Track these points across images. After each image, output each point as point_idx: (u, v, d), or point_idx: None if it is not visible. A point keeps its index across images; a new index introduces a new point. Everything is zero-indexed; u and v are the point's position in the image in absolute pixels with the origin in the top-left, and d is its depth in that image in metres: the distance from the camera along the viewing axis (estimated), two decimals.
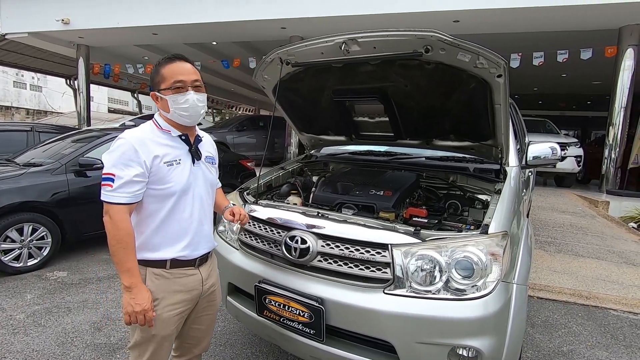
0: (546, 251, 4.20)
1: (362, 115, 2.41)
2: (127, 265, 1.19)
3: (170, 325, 1.30)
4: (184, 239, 1.31)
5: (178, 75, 1.26)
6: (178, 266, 1.31)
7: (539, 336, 2.56)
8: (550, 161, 2.48)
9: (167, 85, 1.26)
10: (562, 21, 6.67)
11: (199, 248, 1.35)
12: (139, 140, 1.22)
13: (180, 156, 1.30)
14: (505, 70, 1.61)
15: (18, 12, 8.55)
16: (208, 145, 1.47)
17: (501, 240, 1.44)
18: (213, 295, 1.47)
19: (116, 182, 1.17)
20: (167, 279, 1.29)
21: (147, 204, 1.25)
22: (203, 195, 1.37)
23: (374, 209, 1.83)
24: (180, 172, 1.28)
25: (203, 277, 1.38)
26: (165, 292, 1.28)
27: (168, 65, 1.27)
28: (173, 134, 1.31)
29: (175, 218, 1.28)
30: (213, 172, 1.46)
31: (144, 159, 1.20)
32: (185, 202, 1.30)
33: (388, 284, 1.44)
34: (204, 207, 1.38)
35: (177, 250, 1.29)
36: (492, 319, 1.36)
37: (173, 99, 1.26)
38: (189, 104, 1.27)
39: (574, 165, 8.02)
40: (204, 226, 1.38)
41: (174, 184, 1.26)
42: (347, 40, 1.73)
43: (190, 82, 1.28)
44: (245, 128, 10.19)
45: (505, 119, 1.85)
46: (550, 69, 10.14)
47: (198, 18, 7.48)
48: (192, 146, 1.34)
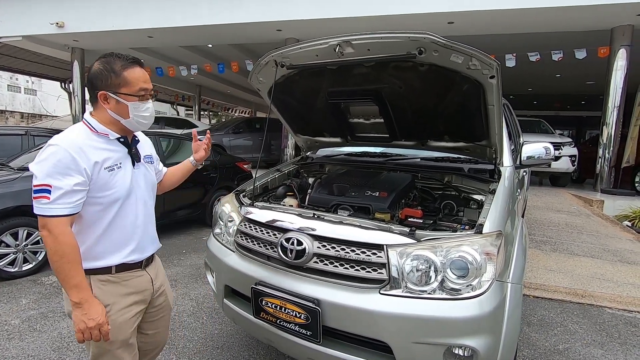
0: (542, 250, 4.23)
1: (357, 116, 2.42)
2: (74, 281, 1.12)
3: (127, 329, 1.26)
4: (130, 244, 1.27)
5: (142, 83, 1.22)
6: (125, 270, 1.27)
7: (535, 335, 2.58)
8: (544, 161, 2.50)
9: (132, 91, 1.20)
10: (556, 22, 6.74)
11: (145, 251, 1.34)
12: (75, 146, 1.12)
13: (120, 160, 1.24)
14: (498, 71, 1.63)
15: (12, 16, 8.50)
16: (145, 144, 1.44)
17: (495, 240, 1.45)
18: (164, 295, 1.46)
19: (54, 193, 1.08)
20: (115, 283, 1.25)
21: (87, 213, 1.18)
22: (146, 198, 1.34)
23: (369, 210, 1.84)
24: (123, 177, 1.23)
25: (152, 277, 1.37)
26: (115, 296, 1.24)
27: (132, 70, 1.21)
28: (111, 137, 1.23)
29: (120, 224, 1.24)
30: (152, 172, 1.42)
31: (84, 167, 1.12)
32: (129, 206, 1.26)
33: (384, 285, 1.45)
34: (148, 209, 1.35)
35: (123, 256, 1.26)
36: (487, 318, 1.37)
37: (135, 106, 1.22)
38: (149, 113, 1.26)
39: (568, 164, 8.08)
40: (149, 228, 1.36)
41: (117, 189, 1.21)
42: (341, 42, 1.74)
43: (150, 90, 1.27)
44: (241, 130, 10.19)
45: (498, 120, 1.87)
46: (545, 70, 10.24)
47: (192, 21, 7.48)
48: (132, 148, 1.29)
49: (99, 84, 1.19)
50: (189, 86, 16.85)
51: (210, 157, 5.32)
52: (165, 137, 5.03)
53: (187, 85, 16.64)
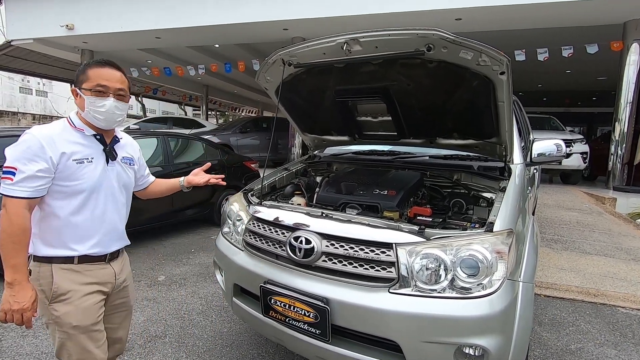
0: (553, 249, 4.17)
1: (364, 115, 2.41)
2: (13, 261, 1.16)
3: (92, 314, 1.30)
4: (94, 236, 1.31)
5: (102, 80, 1.28)
6: (87, 261, 1.31)
7: (547, 334, 2.54)
8: (555, 158, 2.46)
9: (89, 86, 1.27)
10: (566, 17, 6.62)
11: (109, 246, 1.37)
12: (47, 136, 1.21)
13: (92, 155, 1.31)
14: (508, 67, 1.60)
15: (23, 19, 8.64)
16: (129, 147, 1.50)
17: (506, 238, 1.43)
18: (125, 292, 1.48)
19: (17, 175, 1.16)
20: (77, 272, 1.29)
21: (52, 200, 1.25)
22: (116, 194, 1.38)
23: (378, 209, 1.83)
24: (92, 171, 1.29)
25: (116, 271, 1.40)
26: (77, 284, 1.28)
27: (96, 68, 1.29)
28: (87, 132, 1.32)
29: (85, 215, 1.29)
30: (130, 174, 1.47)
31: (50, 155, 1.19)
32: (96, 200, 1.31)
33: (393, 283, 1.44)
34: (117, 205, 1.39)
35: (86, 248, 1.30)
36: (498, 317, 1.35)
37: (91, 100, 1.27)
38: (105, 109, 1.29)
39: (580, 162, 7.95)
40: (116, 224, 1.39)
41: (83, 181, 1.27)
42: (349, 40, 1.73)
43: (114, 89, 1.30)
44: (248, 130, 10.23)
45: (509, 116, 1.84)
46: (555, 66, 10.08)
47: (199, 21, 7.52)
48: (107, 146, 1.36)
49: (74, 81, 1.32)
50: (196, 86, 16.96)
51: (218, 156, 5.36)
52: (173, 137, 5.07)
53: (194, 85, 16.75)
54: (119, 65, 1.35)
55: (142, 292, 3.08)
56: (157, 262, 3.79)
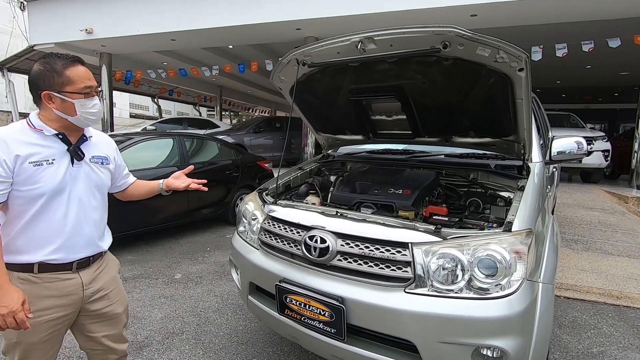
0: (573, 249, 4.06)
1: (379, 113, 2.39)
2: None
3: (38, 332, 1.23)
4: (54, 241, 1.24)
5: (87, 81, 1.24)
6: (48, 270, 1.24)
7: (567, 337, 2.48)
8: (576, 156, 2.40)
9: (76, 89, 1.22)
10: (587, 10, 6.41)
11: (75, 252, 1.28)
12: (0, 139, 1.16)
13: (53, 156, 1.23)
14: (527, 63, 1.57)
15: (45, 24, 8.92)
16: (102, 145, 1.42)
17: (525, 238, 1.41)
18: (106, 300, 1.39)
19: None
20: (35, 284, 1.22)
21: (13, 205, 1.20)
22: (83, 197, 1.30)
23: (393, 208, 1.82)
24: (53, 173, 1.22)
25: (84, 281, 1.31)
26: (31, 297, 1.20)
27: (74, 68, 1.23)
28: (46, 132, 1.24)
29: (45, 219, 1.22)
30: (102, 173, 1.38)
31: (3, 159, 1.14)
32: (58, 203, 1.24)
33: (409, 283, 1.43)
34: (85, 209, 1.30)
35: (45, 254, 1.23)
36: (517, 319, 1.33)
37: (82, 103, 1.23)
38: (97, 109, 1.27)
39: (601, 160, 7.72)
40: (84, 229, 1.30)
41: (42, 184, 1.20)
42: (364, 39, 1.73)
43: (94, 88, 1.28)
44: (262, 130, 10.31)
45: (527, 114, 1.80)
46: (574, 61, 9.78)
47: (214, 22, 7.60)
48: (72, 146, 1.28)
49: (41, 84, 1.21)
50: (210, 87, 17.17)
51: (232, 156, 5.42)
52: (189, 137, 5.15)
53: (209, 86, 16.96)
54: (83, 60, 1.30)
55: (159, 290, 3.14)
56: (174, 261, 3.86)
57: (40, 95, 1.22)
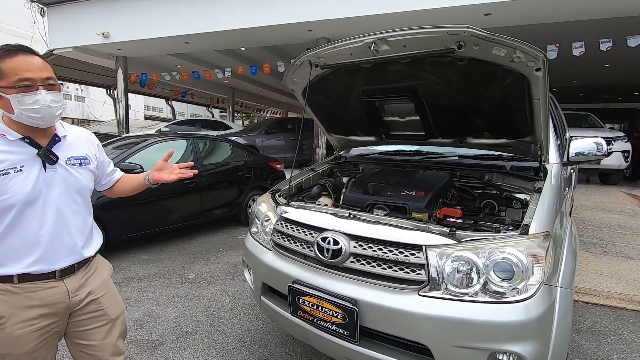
0: (591, 253, 3.95)
1: (392, 114, 2.38)
2: None
3: (26, 343, 1.14)
4: (32, 253, 1.14)
5: (24, 72, 1.07)
6: (30, 280, 1.15)
7: (586, 343, 2.42)
8: (595, 157, 2.33)
9: (9, 83, 1.06)
10: (605, 7, 6.25)
11: (57, 261, 1.18)
12: None
13: (21, 162, 1.11)
14: (545, 63, 1.54)
15: (63, 29, 9.17)
16: (78, 143, 1.28)
17: (543, 242, 1.38)
18: (97, 305, 1.29)
19: None
20: (16, 294, 1.14)
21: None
22: (61, 204, 1.18)
23: (406, 210, 1.80)
24: (22, 181, 1.10)
25: (69, 289, 1.21)
26: (14, 308, 1.13)
27: (10, 59, 1.07)
28: (10, 137, 1.11)
29: (18, 232, 1.12)
30: (82, 175, 1.25)
31: None
32: (32, 213, 1.13)
33: (423, 286, 1.42)
34: (63, 216, 1.19)
35: (23, 266, 1.13)
36: (534, 324, 1.30)
37: (18, 99, 1.07)
38: (39, 105, 1.09)
39: (621, 161, 7.50)
40: (63, 237, 1.20)
41: (11, 195, 1.08)
42: (377, 40, 1.72)
43: (41, 79, 1.10)
44: (273, 131, 10.36)
45: (544, 114, 1.77)
46: (592, 59, 9.55)
47: (226, 25, 7.69)
48: (42, 149, 1.15)
49: None
50: (223, 89, 17.36)
51: (245, 157, 5.46)
52: (202, 138, 5.22)
53: (221, 88, 17.15)
54: (34, 50, 1.14)
55: (173, 289, 3.18)
56: (188, 261, 3.91)
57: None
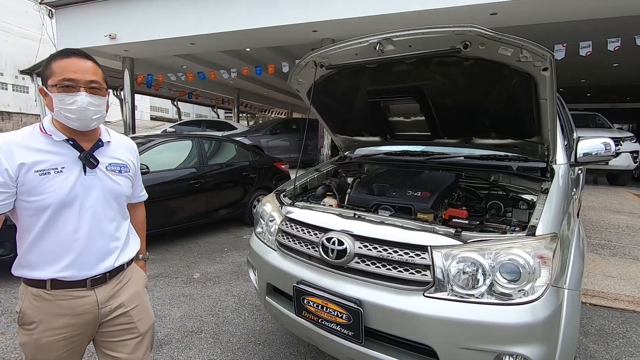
0: (599, 255, 3.91)
1: (397, 115, 2.37)
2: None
3: (52, 351, 1.14)
4: (64, 258, 1.13)
5: (69, 73, 1.09)
6: (61, 287, 1.14)
7: (593, 346, 2.39)
8: (603, 158, 2.31)
9: (55, 81, 1.09)
10: (613, 6, 6.18)
11: (88, 268, 1.17)
12: (5, 145, 1.06)
13: (63, 163, 1.12)
14: (552, 62, 1.52)
15: (71, 31, 9.27)
16: (120, 150, 1.28)
17: (550, 243, 1.36)
18: (127, 318, 1.26)
19: None
20: (48, 301, 1.14)
21: (21, 217, 1.11)
22: (97, 209, 1.18)
23: (411, 210, 1.79)
24: (61, 182, 1.10)
25: (99, 299, 1.19)
26: (45, 314, 1.13)
27: (61, 60, 1.10)
28: (56, 137, 1.13)
29: (53, 234, 1.12)
30: (120, 182, 1.25)
31: (5, 167, 1.04)
32: (67, 216, 1.12)
33: (428, 287, 1.41)
34: (99, 221, 1.18)
35: (55, 271, 1.13)
36: (541, 326, 1.29)
37: (59, 98, 1.09)
38: (76, 106, 1.10)
39: (629, 161, 7.42)
40: (98, 243, 1.18)
41: (48, 195, 1.08)
42: (382, 40, 1.72)
43: (85, 82, 1.11)
44: (278, 131, 10.38)
45: (551, 114, 1.75)
46: (600, 59, 9.44)
47: (232, 26, 7.72)
48: (84, 152, 1.15)
49: (41, 79, 1.14)
50: (228, 89, 17.42)
51: (249, 158, 5.48)
52: (207, 139, 5.24)
53: (226, 88, 17.22)
54: (89, 55, 1.16)
55: (178, 289, 3.20)
56: (193, 260, 3.93)
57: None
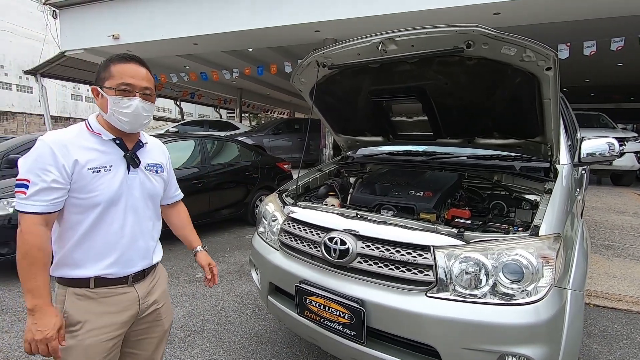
0: (603, 255, 3.89)
1: (399, 115, 2.37)
2: (30, 285, 1.03)
3: (98, 353, 1.13)
4: (110, 255, 1.16)
5: (128, 78, 1.14)
6: (105, 285, 1.16)
7: (597, 347, 2.38)
8: (607, 158, 2.30)
9: (113, 84, 1.13)
10: (616, 5, 6.14)
11: (130, 265, 1.20)
12: (59, 142, 1.08)
13: (111, 162, 1.16)
14: (556, 62, 1.52)
15: (75, 31, 9.32)
16: (155, 151, 1.33)
17: (553, 243, 1.36)
18: (157, 315, 1.30)
19: (30, 188, 1.04)
20: (92, 299, 1.15)
21: (69, 214, 1.12)
22: (139, 207, 1.22)
23: (414, 210, 1.79)
24: (110, 180, 1.14)
25: (140, 295, 1.23)
26: (90, 313, 1.13)
27: (121, 65, 1.15)
28: (104, 137, 1.17)
29: (101, 231, 1.15)
30: (156, 182, 1.29)
31: (62, 163, 1.06)
32: (114, 213, 1.16)
33: (431, 287, 1.41)
34: (140, 220, 1.23)
35: (101, 268, 1.15)
36: (544, 326, 1.28)
37: (115, 100, 1.13)
38: (131, 110, 1.15)
39: (633, 161, 7.37)
40: (138, 240, 1.22)
41: (99, 192, 1.12)
42: (385, 39, 1.72)
43: (140, 88, 1.16)
44: (281, 131, 10.38)
45: (555, 114, 1.74)
46: (604, 59, 9.39)
47: (234, 26, 7.73)
48: (129, 152, 1.20)
49: (95, 79, 1.17)
50: (230, 89, 17.46)
51: (252, 158, 5.49)
52: (210, 139, 5.25)
53: (229, 88, 17.25)
54: (145, 62, 1.21)
55: (181, 289, 3.21)
56: (195, 260, 3.93)
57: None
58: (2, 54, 24.88)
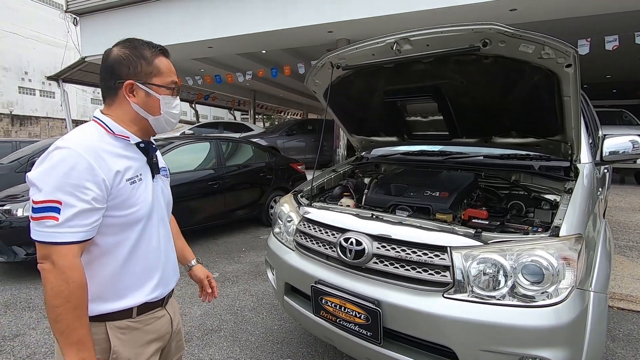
0: (627, 257, 3.76)
1: (414, 114, 2.35)
2: (77, 335, 0.82)
3: None
4: (154, 276, 1.00)
5: (174, 75, 1.02)
6: (146, 310, 1.00)
7: (622, 351, 2.30)
8: (631, 156, 2.22)
9: (165, 82, 0.99)
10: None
11: (169, 283, 1.07)
12: (92, 150, 0.87)
13: (140, 170, 0.97)
14: (576, 59, 1.48)
15: (94, 37, 9.62)
16: (159, 154, 1.16)
17: (575, 244, 1.33)
18: (179, 335, 1.18)
19: (64, 212, 0.81)
20: (136, 330, 0.98)
21: (102, 237, 0.90)
22: (165, 218, 1.08)
23: (429, 211, 1.78)
24: (144, 191, 0.97)
25: (171, 316, 1.10)
26: (137, 347, 0.98)
27: (164, 59, 1.01)
28: (132, 140, 0.97)
29: (142, 251, 0.97)
30: (169, 187, 1.15)
31: (102, 177, 0.86)
32: (151, 228, 0.99)
33: (448, 288, 1.40)
34: (168, 231, 1.09)
35: (147, 292, 0.98)
36: (566, 329, 1.26)
37: (167, 101, 0.99)
38: (178, 111, 1.04)
39: None
40: (170, 254, 1.09)
41: (140, 207, 0.94)
42: (399, 39, 1.71)
43: (179, 86, 1.05)
44: (294, 132, 10.43)
45: (575, 112, 1.70)
46: (627, 53, 9.08)
47: (248, 29, 7.83)
48: (150, 157, 1.03)
49: (124, 71, 0.94)
50: (244, 91, 17.65)
51: (266, 159, 5.54)
52: (225, 140, 5.33)
53: (243, 90, 17.44)
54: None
55: (197, 288, 3.25)
56: (212, 260, 4.00)
57: (119, 85, 0.95)
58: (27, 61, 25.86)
